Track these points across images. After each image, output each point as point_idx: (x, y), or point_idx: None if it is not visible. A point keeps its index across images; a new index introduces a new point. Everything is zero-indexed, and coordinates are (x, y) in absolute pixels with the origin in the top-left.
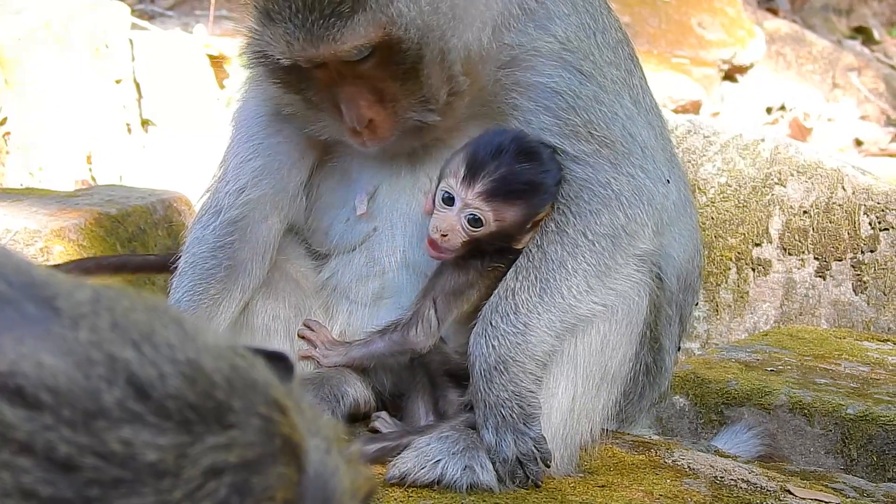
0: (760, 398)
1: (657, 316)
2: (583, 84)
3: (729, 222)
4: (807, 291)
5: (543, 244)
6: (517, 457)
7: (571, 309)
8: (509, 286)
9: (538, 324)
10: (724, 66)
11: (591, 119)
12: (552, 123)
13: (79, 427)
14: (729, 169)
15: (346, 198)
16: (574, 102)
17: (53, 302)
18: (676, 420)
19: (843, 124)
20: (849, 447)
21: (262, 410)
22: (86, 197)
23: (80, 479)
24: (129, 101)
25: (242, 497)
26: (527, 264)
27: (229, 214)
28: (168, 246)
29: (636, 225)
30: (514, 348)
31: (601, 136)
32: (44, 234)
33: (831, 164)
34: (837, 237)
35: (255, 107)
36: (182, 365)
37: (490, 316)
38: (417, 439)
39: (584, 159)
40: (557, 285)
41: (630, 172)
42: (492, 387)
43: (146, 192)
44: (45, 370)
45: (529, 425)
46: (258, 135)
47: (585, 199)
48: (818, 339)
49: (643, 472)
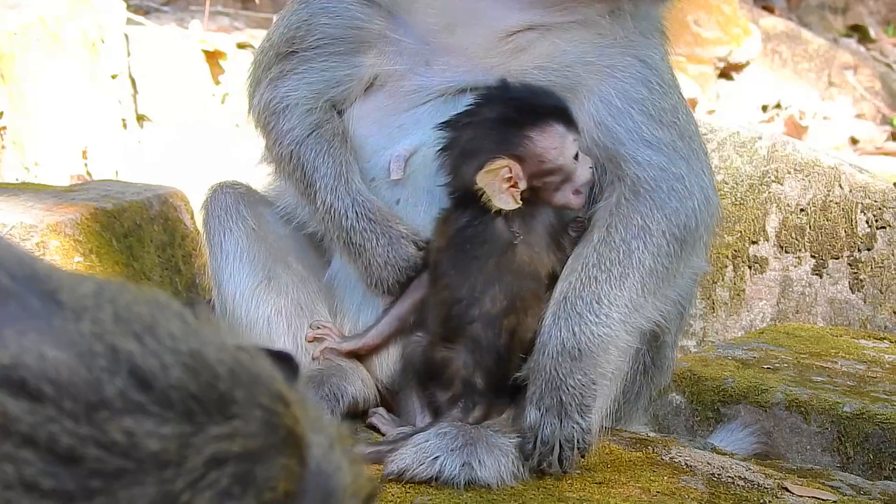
0: (757, 396)
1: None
2: (673, 75)
3: (726, 220)
4: (803, 289)
5: (628, 237)
6: (558, 440)
7: (641, 308)
8: (591, 274)
9: (618, 318)
10: (720, 63)
11: (677, 107)
12: (646, 97)
13: (81, 418)
14: (726, 166)
15: (375, 152)
16: (668, 86)
17: (56, 295)
18: (673, 417)
19: (838, 122)
20: (845, 445)
21: (265, 402)
22: (81, 192)
23: (82, 470)
24: (124, 96)
25: (244, 487)
26: (610, 255)
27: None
28: (164, 241)
29: (699, 233)
30: (594, 339)
31: (682, 126)
32: (40, 228)
33: (828, 161)
34: (834, 235)
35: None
36: (184, 356)
37: (574, 300)
38: (415, 436)
39: (661, 147)
40: (635, 283)
41: (699, 172)
42: (559, 370)
43: (142, 187)
44: (48, 362)
45: (584, 416)
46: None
47: (665, 191)
48: (815, 337)
49: (640, 469)
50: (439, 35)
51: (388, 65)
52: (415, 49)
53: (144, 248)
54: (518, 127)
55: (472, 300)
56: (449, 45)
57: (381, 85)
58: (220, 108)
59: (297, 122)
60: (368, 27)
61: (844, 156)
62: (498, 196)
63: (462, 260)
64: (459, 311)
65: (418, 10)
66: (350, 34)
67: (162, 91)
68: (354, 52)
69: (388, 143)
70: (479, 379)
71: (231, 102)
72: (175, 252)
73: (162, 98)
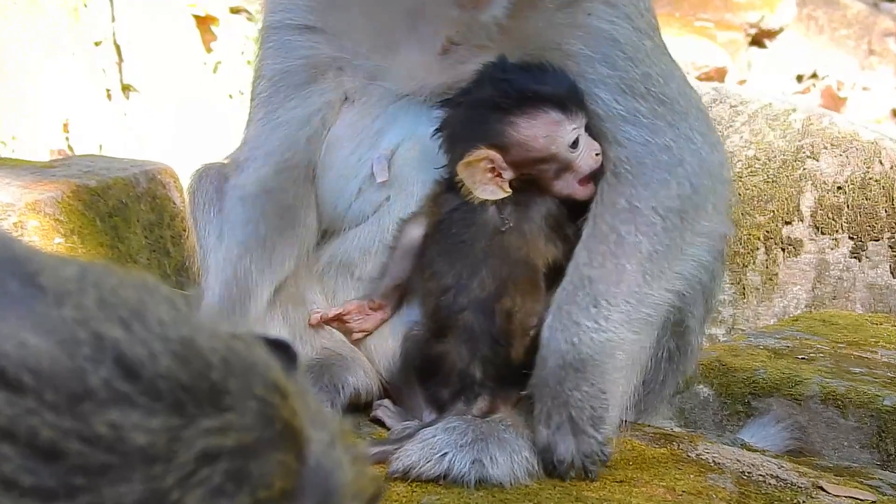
0: (790, 388)
1: (682, 294)
2: (640, 38)
3: (757, 199)
4: (841, 273)
5: (616, 224)
6: (576, 458)
7: (646, 298)
8: (584, 273)
9: (618, 318)
10: (752, 30)
11: (650, 73)
12: (609, 75)
13: (63, 410)
14: (757, 141)
15: (357, 165)
16: (633, 54)
17: (37, 278)
18: (700, 411)
19: (879, 94)
20: (885, 441)
21: (261, 393)
22: (63, 168)
23: (64, 466)
24: (108, 64)
25: (238, 484)
26: (601, 248)
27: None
28: (151, 221)
29: (700, 197)
30: (594, 346)
31: (659, 92)
32: (18, 207)
33: (868, 136)
34: (874, 215)
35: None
36: (174, 344)
37: (568, 308)
38: (423, 430)
39: (640, 119)
40: (634, 272)
41: (688, 135)
42: (564, 384)
43: (128, 162)
44: (28, 350)
45: (598, 428)
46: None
47: (649, 166)
48: (853, 325)
49: (665, 467)
50: (385, 53)
51: (350, 83)
52: (367, 66)
53: (130, 228)
54: (503, 112)
55: (459, 288)
56: (397, 60)
57: (351, 102)
58: (212, 78)
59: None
60: (317, 54)
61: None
62: (479, 187)
63: (448, 245)
64: (448, 302)
65: (358, 35)
66: (299, 64)
67: (149, 59)
68: (310, 82)
69: (370, 150)
70: (477, 369)
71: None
72: (163, 233)
73: (149, 67)
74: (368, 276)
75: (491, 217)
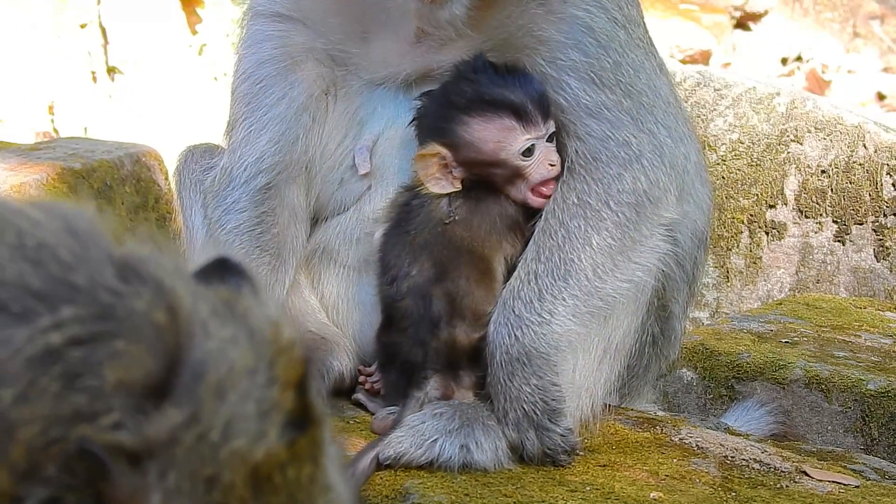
0: (774, 372)
1: (666, 280)
2: (615, 29)
3: (741, 182)
4: (825, 257)
5: (565, 219)
6: (543, 451)
7: (597, 291)
8: (531, 269)
9: (563, 311)
10: (736, 13)
11: (621, 63)
12: (580, 61)
13: None
14: (741, 124)
15: (341, 157)
16: (606, 43)
17: None
18: (683, 395)
19: (864, 77)
20: (869, 425)
21: (110, 283)
22: (48, 150)
23: None
24: (94, 47)
25: (80, 384)
26: (549, 243)
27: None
28: (136, 204)
29: (659, 190)
30: (538, 339)
31: (627, 83)
32: (2, 189)
33: (852, 119)
34: (858, 199)
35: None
36: (28, 251)
37: (512, 303)
38: (410, 416)
39: (603, 113)
40: (582, 266)
41: (651, 129)
42: (513, 379)
43: (113, 145)
44: None
45: (555, 421)
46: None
47: (604, 161)
48: (837, 309)
49: (648, 451)
50: (359, 41)
51: (328, 74)
52: (343, 55)
53: (115, 210)
54: (460, 112)
55: (401, 276)
56: (371, 47)
57: (333, 95)
58: (197, 60)
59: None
60: (292, 43)
61: (870, 113)
62: (431, 181)
63: (396, 237)
64: (392, 291)
65: (332, 22)
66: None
67: (134, 41)
68: (288, 73)
69: (353, 140)
70: (419, 353)
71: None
72: (148, 215)
73: (134, 49)
74: (352, 263)
75: (439, 209)
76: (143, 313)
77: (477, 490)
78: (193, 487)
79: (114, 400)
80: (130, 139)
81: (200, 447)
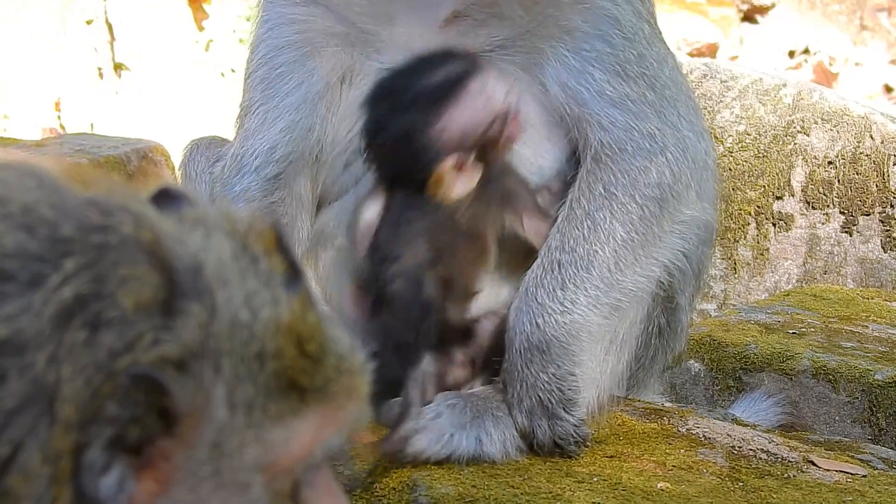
0: (781, 363)
1: (673, 273)
2: (640, 22)
3: (748, 174)
4: (832, 248)
5: (591, 209)
6: (553, 440)
7: (617, 284)
8: (554, 257)
9: (585, 301)
10: (743, 6)
11: (645, 55)
12: (606, 52)
13: None
14: (748, 116)
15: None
16: (631, 35)
17: None
18: (691, 386)
19: (871, 69)
20: (877, 415)
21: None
22: (54, 146)
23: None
24: (100, 43)
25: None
26: (574, 233)
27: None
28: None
29: (682, 186)
30: (559, 328)
31: (651, 76)
32: None
33: (858, 111)
34: (865, 190)
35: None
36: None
37: (535, 290)
38: (424, 410)
39: (627, 105)
40: (606, 258)
41: (675, 123)
42: (531, 367)
43: (120, 141)
44: None
45: (569, 410)
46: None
47: (630, 152)
48: (844, 300)
49: (655, 442)
50: (384, 24)
51: (347, 59)
52: (365, 39)
53: None
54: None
55: (392, 258)
56: (395, 32)
57: (349, 83)
58: (204, 56)
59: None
60: (313, 28)
61: (877, 104)
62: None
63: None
64: (382, 273)
65: (355, 5)
66: (296, 39)
67: (141, 38)
68: (308, 59)
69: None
70: (411, 336)
71: (215, 49)
72: None
73: (141, 45)
74: (347, 245)
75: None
76: (132, 237)
77: (484, 481)
78: (249, 368)
79: (139, 323)
80: (137, 135)
81: (236, 331)
